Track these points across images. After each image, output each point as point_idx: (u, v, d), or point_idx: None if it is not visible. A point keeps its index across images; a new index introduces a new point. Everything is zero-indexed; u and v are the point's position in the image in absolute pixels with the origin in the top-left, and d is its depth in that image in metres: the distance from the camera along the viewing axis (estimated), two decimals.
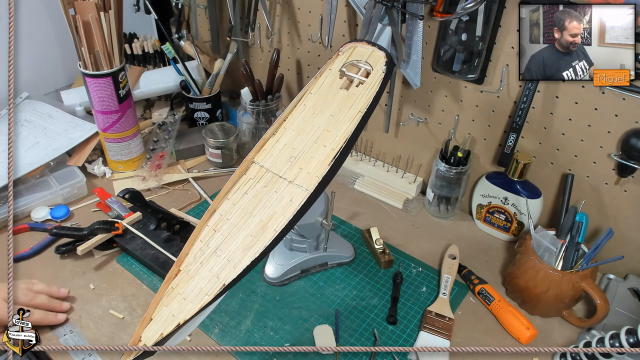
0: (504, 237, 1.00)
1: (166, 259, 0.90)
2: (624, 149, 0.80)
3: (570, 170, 0.88)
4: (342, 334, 0.81)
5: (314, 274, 0.92)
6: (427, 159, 1.08)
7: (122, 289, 0.88)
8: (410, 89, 0.99)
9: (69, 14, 0.94)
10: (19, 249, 0.93)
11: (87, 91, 1.03)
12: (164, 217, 0.95)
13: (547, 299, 0.81)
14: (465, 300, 0.88)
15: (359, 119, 0.65)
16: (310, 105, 0.70)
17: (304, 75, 1.20)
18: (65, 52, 1.28)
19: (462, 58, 0.88)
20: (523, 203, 0.92)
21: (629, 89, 0.76)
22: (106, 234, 0.92)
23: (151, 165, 1.13)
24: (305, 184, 0.63)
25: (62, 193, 1.04)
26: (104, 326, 0.81)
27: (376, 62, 0.70)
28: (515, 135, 0.90)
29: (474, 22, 0.83)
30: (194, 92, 1.26)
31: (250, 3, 1.14)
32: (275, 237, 0.60)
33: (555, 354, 0.77)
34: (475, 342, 0.81)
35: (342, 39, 1.05)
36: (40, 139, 1.12)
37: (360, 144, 1.17)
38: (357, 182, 1.13)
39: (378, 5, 0.85)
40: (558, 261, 0.83)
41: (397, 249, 0.97)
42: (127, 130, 1.09)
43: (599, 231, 0.90)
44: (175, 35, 1.31)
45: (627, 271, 0.89)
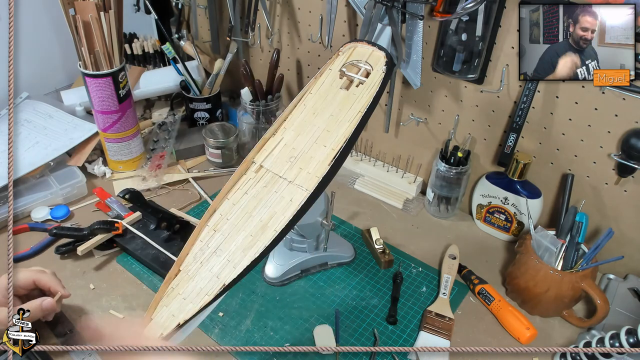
0: (504, 237, 1.00)
1: (166, 259, 0.90)
2: (624, 149, 0.80)
3: (570, 170, 0.88)
4: (342, 334, 0.81)
5: (314, 274, 0.92)
6: (427, 159, 1.08)
7: (122, 289, 0.88)
8: (410, 89, 0.99)
9: (69, 14, 0.94)
10: (19, 249, 0.93)
11: (87, 91, 1.03)
12: (164, 217, 0.95)
13: (547, 299, 0.81)
14: (465, 300, 0.88)
15: (359, 119, 0.65)
16: (310, 105, 0.70)
17: (304, 75, 1.20)
18: (65, 52, 1.28)
19: (462, 58, 0.88)
20: (523, 203, 0.92)
21: (629, 89, 0.76)
22: (106, 234, 0.92)
23: (151, 165, 1.13)
24: (305, 184, 0.63)
25: (62, 193, 1.04)
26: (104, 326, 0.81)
27: (376, 62, 0.70)
28: (515, 135, 0.90)
29: (474, 22, 0.83)
30: (194, 92, 1.26)
31: (250, 3, 1.14)
32: (275, 237, 0.60)
33: (555, 354, 0.77)
34: (475, 342, 0.81)
35: (342, 39, 1.05)
36: (40, 139, 1.12)
37: (360, 144, 1.17)
38: (357, 182, 1.13)
39: (378, 5, 0.85)
40: (558, 261, 0.83)
41: (397, 249, 0.97)
42: (127, 130, 1.09)
43: (599, 231, 0.90)
44: (175, 35, 1.31)
45: (627, 271, 0.89)
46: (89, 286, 0.88)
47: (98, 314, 0.83)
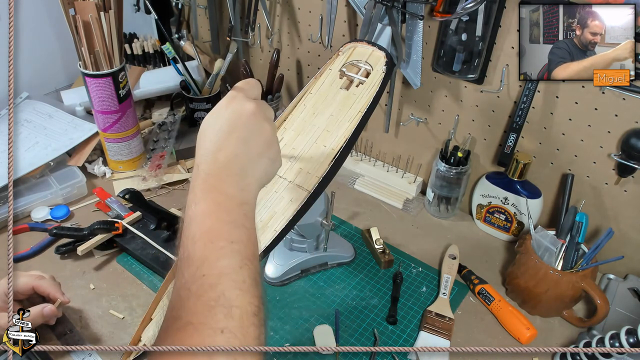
0: (504, 237, 1.00)
1: (166, 258, 0.90)
2: (624, 149, 0.80)
3: (570, 170, 0.88)
4: (342, 334, 0.81)
5: (314, 274, 0.92)
6: (427, 159, 1.08)
7: (122, 289, 0.88)
8: (410, 89, 0.99)
9: (69, 14, 0.94)
10: (19, 249, 0.93)
11: (87, 91, 1.03)
12: (164, 217, 0.95)
13: (547, 299, 0.81)
14: (465, 300, 0.88)
15: (359, 119, 0.65)
16: (310, 105, 0.70)
17: (304, 75, 1.20)
18: (65, 52, 1.28)
19: (462, 58, 0.88)
20: (523, 203, 0.92)
21: (629, 89, 0.76)
22: (106, 234, 0.92)
23: (151, 165, 1.13)
24: (305, 184, 0.63)
25: (62, 193, 1.04)
26: (104, 326, 0.81)
27: (376, 62, 0.70)
28: (515, 135, 0.90)
29: (474, 22, 0.83)
30: (194, 92, 1.26)
31: (250, 3, 1.14)
32: (275, 237, 0.60)
33: (555, 354, 0.77)
34: (475, 342, 0.81)
35: (342, 39, 1.05)
36: (40, 139, 1.12)
37: (360, 144, 1.17)
38: (357, 182, 1.13)
39: (378, 5, 0.85)
40: (558, 261, 0.83)
41: (397, 249, 0.97)
42: (127, 130, 1.09)
43: (599, 231, 0.90)
44: (175, 35, 1.31)
45: (627, 271, 0.89)
46: (89, 286, 0.88)
47: (98, 313, 0.83)
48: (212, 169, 0.49)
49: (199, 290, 0.42)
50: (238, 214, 0.48)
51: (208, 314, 0.41)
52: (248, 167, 0.50)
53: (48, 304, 0.75)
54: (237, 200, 0.48)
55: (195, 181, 0.49)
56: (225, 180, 0.49)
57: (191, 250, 0.45)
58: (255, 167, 0.51)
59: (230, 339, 0.40)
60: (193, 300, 0.42)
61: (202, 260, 0.44)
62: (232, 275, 0.43)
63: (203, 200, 0.47)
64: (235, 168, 0.49)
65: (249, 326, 0.42)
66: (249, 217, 0.49)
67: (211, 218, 0.46)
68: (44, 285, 0.76)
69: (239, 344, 0.40)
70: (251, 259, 0.46)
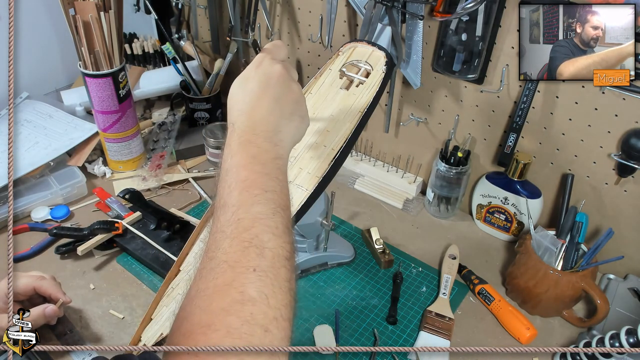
0: (504, 237, 1.00)
1: (166, 258, 0.90)
2: (624, 149, 0.80)
3: (570, 170, 0.88)
4: (342, 334, 0.81)
5: (314, 274, 0.92)
6: (427, 159, 1.08)
7: (122, 289, 0.88)
8: (410, 89, 0.99)
9: (69, 14, 0.94)
10: (19, 249, 0.93)
11: (87, 91, 1.03)
12: (164, 217, 0.95)
13: (547, 299, 0.81)
14: (465, 300, 0.88)
15: (359, 119, 0.65)
16: (310, 105, 0.70)
17: (304, 75, 1.20)
18: (65, 52, 1.28)
19: (462, 58, 0.88)
20: (523, 203, 0.92)
21: (629, 89, 0.76)
22: (106, 234, 0.92)
23: (151, 165, 1.13)
24: (305, 184, 0.63)
25: (62, 193, 1.04)
26: (104, 326, 0.81)
27: (376, 62, 0.70)
28: (515, 135, 0.90)
29: (474, 22, 0.83)
30: (194, 92, 1.26)
31: (250, 3, 1.14)
32: None
33: (555, 354, 0.77)
34: (475, 342, 0.81)
35: (342, 39, 1.05)
36: (40, 139, 1.12)
37: (360, 144, 1.17)
38: (357, 182, 1.13)
39: (378, 5, 0.85)
40: (558, 261, 0.83)
41: (397, 249, 0.97)
42: (127, 130, 1.09)
43: (599, 231, 0.90)
44: (175, 35, 1.31)
45: (627, 271, 0.89)
46: (89, 286, 0.88)
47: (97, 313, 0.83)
48: (247, 126, 0.52)
49: (233, 232, 0.44)
50: (272, 166, 0.50)
51: (241, 253, 0.43)
52: (281, 124, 0.54)
53: (50, 304, 0.75)
54: (272, 154, 0.51)
55: (231, 137, 0.52)
56: (260, 135, 0.52)
57: (227, 198, 0.47)
58: (288, 124, 0.55)
59: (262, 277, 0.42)
60: (228, 242, 0.44)
61: (238, 206, 0.46)
62: (266, 220, 0.46)
63: (239, 153, 0.50)
64: (269, 125, 0.53)
65: (279, 267, 0.43)
66: (282, 171, 0.52)
67: (247, 169, 0.49)
68: (45, 286, 0.76)
69: (270, 282, 0.42)
70: (284, 207, 0.48)
